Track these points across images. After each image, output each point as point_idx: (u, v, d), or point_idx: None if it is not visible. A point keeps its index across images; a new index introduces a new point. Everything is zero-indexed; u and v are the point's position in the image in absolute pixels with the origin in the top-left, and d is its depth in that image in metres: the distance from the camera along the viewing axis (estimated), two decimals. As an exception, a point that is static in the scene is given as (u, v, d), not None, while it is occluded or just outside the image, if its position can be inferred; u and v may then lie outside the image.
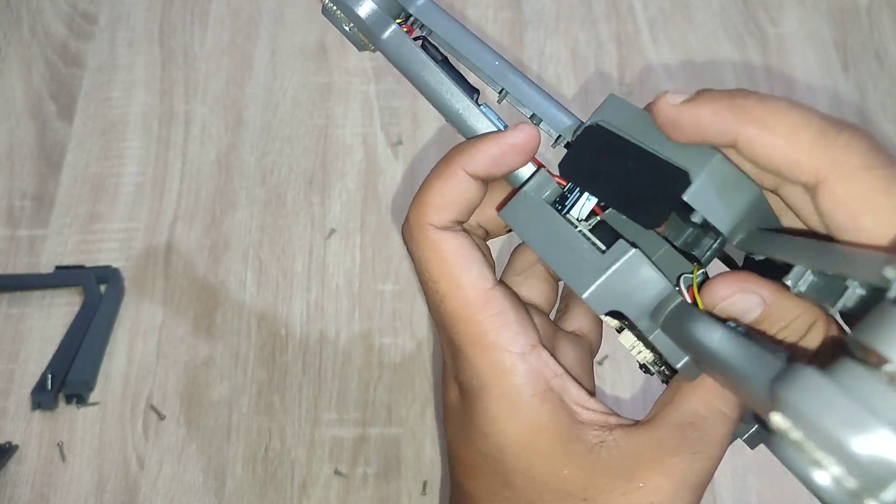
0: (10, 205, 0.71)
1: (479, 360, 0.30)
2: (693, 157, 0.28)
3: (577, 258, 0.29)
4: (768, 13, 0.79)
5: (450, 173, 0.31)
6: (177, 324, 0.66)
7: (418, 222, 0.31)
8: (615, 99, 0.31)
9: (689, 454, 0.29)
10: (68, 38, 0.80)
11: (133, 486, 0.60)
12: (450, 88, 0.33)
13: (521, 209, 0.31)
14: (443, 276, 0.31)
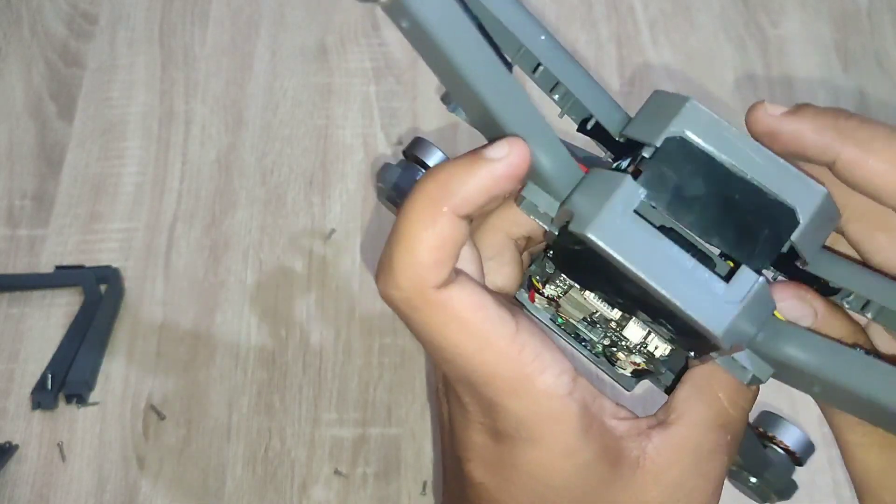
0: (10, 205, 0.71)
1: (525, 410, 0.27)
2: (793, 190, 0.26)
3: (696, 285, 0.25)
4: (769, 15, 0.79)
5: (439, 221, 0.25)
6: (177, 324, 0.66)
7: (416, 289, 0.26)
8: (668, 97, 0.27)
9: (723, 456, 0.29)
10: (68, 38, 0.80)
11: (133, 486, 0.60)
12: (491, 61, 0.24)
13: (612, 226, 0.25)
14: (465, 338, 0.26)
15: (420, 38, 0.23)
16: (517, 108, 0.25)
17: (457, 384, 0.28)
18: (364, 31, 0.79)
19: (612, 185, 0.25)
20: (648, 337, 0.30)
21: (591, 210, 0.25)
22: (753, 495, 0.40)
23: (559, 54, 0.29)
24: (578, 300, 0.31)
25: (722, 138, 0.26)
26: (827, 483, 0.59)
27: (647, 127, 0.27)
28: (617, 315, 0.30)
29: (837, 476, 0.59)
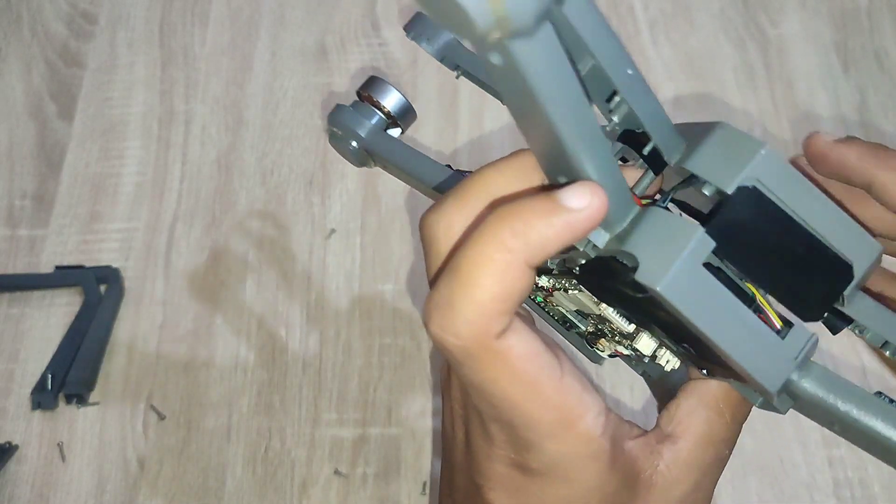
0: (10, 205, 0.71)
1: (561, 453, 0.27)
2: (853, 244, 0.26)
3: (756, 342, 0.25)
4: (769, 15, 0.79)
5: (510, 271, 0.24)
6: (177, 324, 0.66)
7: (477, 339, 0.24)
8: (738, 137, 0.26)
9: (720, 467, 0.31)
10: (68, 38, 0.80)
11: (133, 486, 0.60)
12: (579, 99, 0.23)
13: (683, 283, 0.24)
14: (515, 387, 0.26)
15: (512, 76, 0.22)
16: (590, 142, 0.24)
17: (491, 423, 0.28)
18: (364, 31, 0.79)
19: (684, 237, 0.24)
20: (659, 350, 0.31)
21: (660, 263, 0.24)
22: None
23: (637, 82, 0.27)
24: (584, 302, 0.31)
25: (792, 189, 0.25)
26: (827, 483, 0.59)
27: (716, 168, 0.26)
28: (631, 329, 0.30)
29: (837, 476, 0.59)
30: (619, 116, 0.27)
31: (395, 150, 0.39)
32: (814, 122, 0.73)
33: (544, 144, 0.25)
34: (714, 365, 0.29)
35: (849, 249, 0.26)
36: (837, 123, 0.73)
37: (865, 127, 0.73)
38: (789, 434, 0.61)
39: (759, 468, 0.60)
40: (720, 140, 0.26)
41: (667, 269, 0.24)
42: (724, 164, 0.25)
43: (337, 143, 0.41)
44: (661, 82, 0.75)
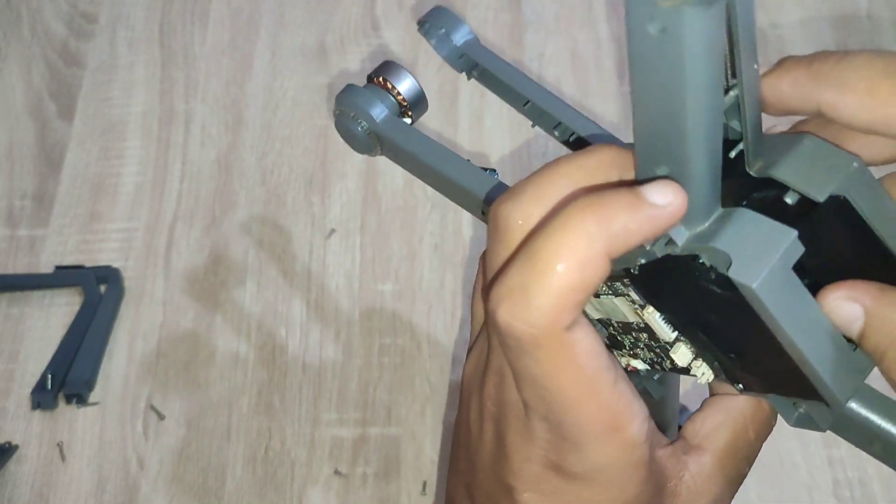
0: (10, 205, 0.71)
1: (607, 457, 0.27)
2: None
3: (833, 350, 0.25)
4: (768, 15, 0.79)
5: (593, 262, 0.23)
6: (177, 324, 0.66)
7: (549, 328, 0.24)
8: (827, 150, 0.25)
9: (740, 482, 0.31)
10: (68, 38, 0.80)
11: (133, 486, 0.60)
12: (720, 81, 0.23)
13: (775, 284, 0.24)
14: (574, 383, 0.25)
15: (664, 44, 0.21)
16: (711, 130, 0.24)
17: (538, 420, 0.27)
18: (364, 31, 0.79)
19: (778, 239, 0.24)
20: (695, 361, 0.30)
21: (755, 262, 0.24)
22: None
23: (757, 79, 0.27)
24: (619, 308, 0.31)
25: (879, 206, 0.25)
26: (827, 483, 0.59)
27: (805, 177, 0.25)
28: (672, 337, 0.30)
29: (837, 476, 0.59)
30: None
31: (410, 137, 0.37)
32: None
33: (661, 126, 0.24)
34: (756, 378, 0.28)
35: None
36: (837, 123, 0.73)
37: (865, 127, 0.73)
38: (789, 434, 0.61)
39: (759, 468, 0.60)
40: (808, 151, 0.26)
41: (762, 268, 0.23)
42: (815, 174, 0.25)
43: (344, 125, 0.39)
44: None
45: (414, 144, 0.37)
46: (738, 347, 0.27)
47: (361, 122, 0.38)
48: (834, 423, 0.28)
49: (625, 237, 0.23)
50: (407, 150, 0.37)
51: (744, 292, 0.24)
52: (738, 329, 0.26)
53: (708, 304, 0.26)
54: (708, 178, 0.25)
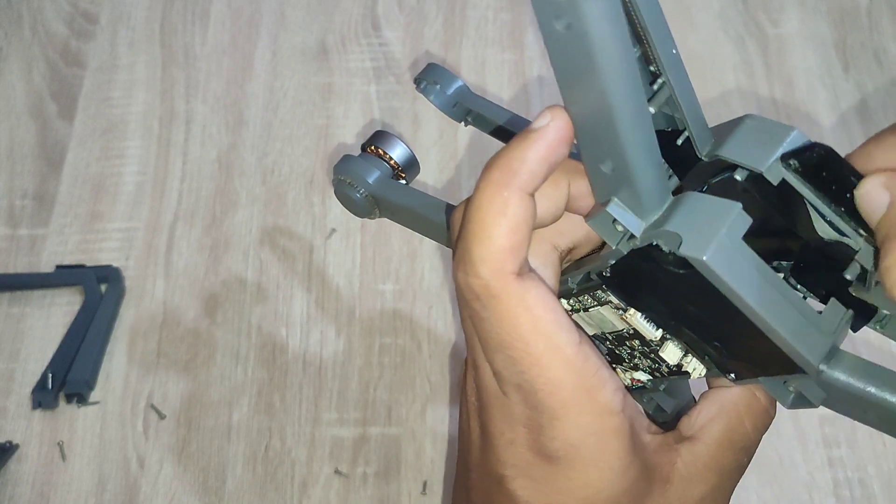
0: (11, 204, 0.71)
1: (584, 426, 0.27)
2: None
3: (796, 314, 0.25)
4: (768, 14, 0.79)
5: (513, 203, 0.26)
6: (177, 324, 0.66)
7: (496, 274, 0.26)
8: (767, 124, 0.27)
9: (738, 474, 0.31)
10: (69, 38, 0.80)
11: (133, 486, 0.60)
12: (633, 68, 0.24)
13: (726, 254, 0.25)
14: (535, 335, 0.26)
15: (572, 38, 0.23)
16: (639, 121, 0.25)
17: (514, 392, 0.28)
18: (364, 30, 0.79)
19: (724, 213, 0.25)
20: (685, 358, 0.30)
21: (703, 236, 0.25)
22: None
23: (681, 67, 0.28)
24: (606, 317, 0.31)
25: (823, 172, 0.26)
26: (827, 483, 0.59)
27: (749, 151, 0.26)
28: (658, 335, 0.30)
29: (837, 476, 0.59)
30: (657, 105, 0.28)
31: (405, 194, 0.40)
32: (814, 120, 0.73)
33: (592, 121, 0.25)
34: (743, 363, 0.28)
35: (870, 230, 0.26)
36: (837, 122, 0.73)
37: (865, 125, 0.73)
38: (789, 434, 0.61)
39: (758, 468, 0.60)
40: (751, 129, 0.27)
41: (710, 240, 0.25)
42: (757, 148, 0.26)
43: (343, 192, 0.42)
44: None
45: (410, 200, 0.40)
46: (718, 333, 0.28)
47: (359, 189, 0.41)
48: (826, 398, 0.28)
49: (528, 168, 0.26)
50: (404, 206, 0.40)
51: (698, 267, 0.25)
52: (711, 312, 0.26)
53: (678, 292, 0.27)
54: (650, 168, 0.26)
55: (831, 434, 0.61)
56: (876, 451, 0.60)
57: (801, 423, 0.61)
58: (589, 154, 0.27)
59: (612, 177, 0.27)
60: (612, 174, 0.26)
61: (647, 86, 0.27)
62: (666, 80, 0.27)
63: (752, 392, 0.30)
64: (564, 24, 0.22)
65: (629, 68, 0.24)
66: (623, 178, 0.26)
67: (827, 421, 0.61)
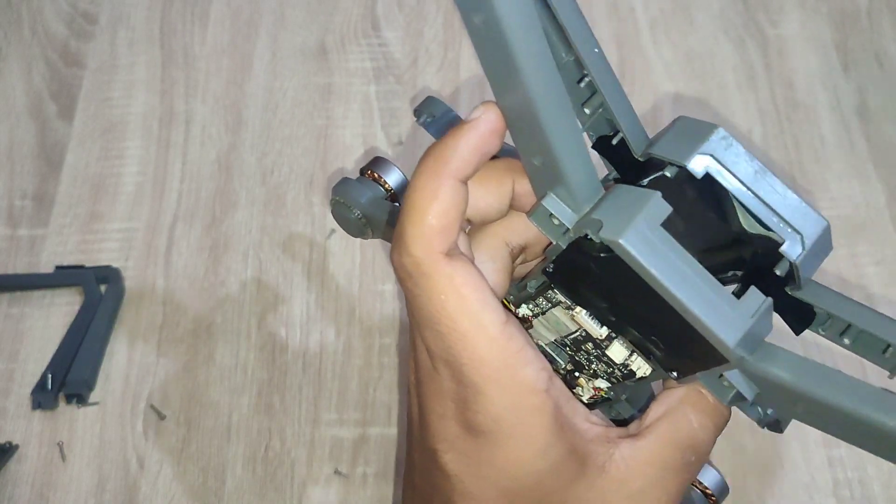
0: (10, 204, 0.71)
1: (506, 402, 0.28)
2: (801, 219, 0.28)
3: (712, 297, 0.26)
4: (768, 15, 0.79)
5: (444, 188, 0.28)
6: (177, 324, 0.66)
7: (427, 253, 0.28)
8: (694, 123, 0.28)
9: (686, 474, 0.31)
10: (69, 38, 0.80)
11: (133, 486, 0.60)
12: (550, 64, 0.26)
13: (643, 237, 0.26)
14: (462, 313, 0.28)
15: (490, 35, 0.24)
16: (561, 115, 0.26)
17: (443, 367, 0.29)
18: (364, 31, 0.79)
19: (643, 200, 0.27)
20: (631, 357, 0.31)
21: (621, 221, 0.26)
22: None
23: (606, 68, 0.29)
24: (560, 319, 0.32)
25: (742, 165, 0.27)
26: (827, 483, 0.59)
27: (675, 148, 0.28)
28: (604, 333, 0.31)
29: (837, 476, 0.59)
30: (592, 107, 0.30)
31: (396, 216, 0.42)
32: (814, 122, 0.73)
33: (517, 112, 0.27)
34: (681, 358, 0.29)
35: (797, 223, 0.27)
36: (837, 123, 0.73)
37: (865, 127, 0.73)
38: (789, 434, 0.61)
39: (758, 468, 0.60)
40: (680, 128, 0.28)
41: (627, 224, 0.26)
42: (683, 145, 0.28)
43: (339, 213, 0.44)
44: (660, 82, 0.75)
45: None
46: (652, 326, 0.29)
47: (355, 210, 0.43)
48: (759, 393, 0.29)
49: (459, 156, 0.28)
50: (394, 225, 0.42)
51: (616, 251, 0.26)
52: (640, 302, 0.28)
53: (613, 285, 0.28)
54: (577, 161, 0.28)
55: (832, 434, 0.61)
56: (876, 452, 0.60)
57: (801, 423, 0.61)
58: (522, 149, 0.29)
59: (543, 171, 0.28)
60: (543, 168, 0.28)
61: (577, 87, 0.29)
62: (591, 79, 0.29)
63: (699, 390, 0.31)
64: (482, 19, 0.24)
65: (545, 61, 0.25)
66: (553, 171, 0.28)
67: (827, 421, 0.61)
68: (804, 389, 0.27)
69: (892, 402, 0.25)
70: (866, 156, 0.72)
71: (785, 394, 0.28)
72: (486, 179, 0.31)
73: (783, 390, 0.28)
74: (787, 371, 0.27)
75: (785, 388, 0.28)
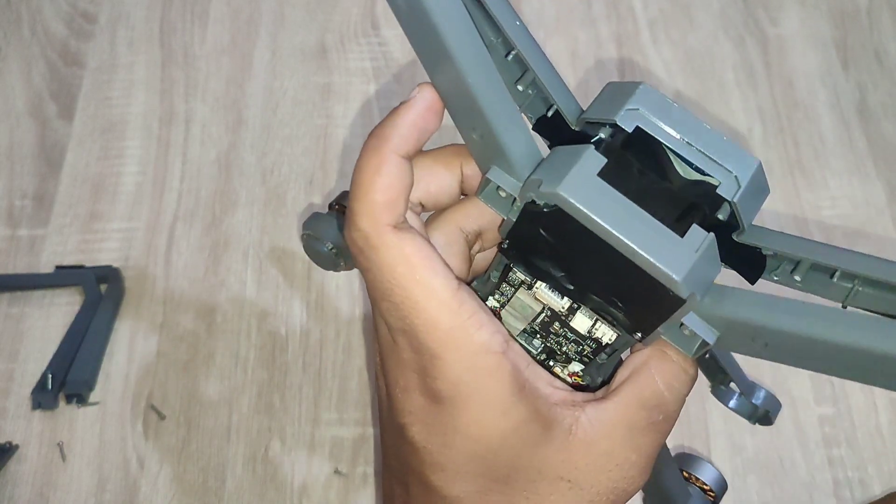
0: (11, 204, 0.71)
1: (462, 365, 0.29)
2: (732, 160, 0.28)
3: (658, 239, 0.27)
4: (768, 13, 0.79)
5: (387, 163, 0.29)
6: (177, 324, 0.66)
7: (374, 227, 0.29)
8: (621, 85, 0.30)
9: (655, 434, 0.31)
10: (68, 38, 0.80)
11: (133, 486, 0.60)
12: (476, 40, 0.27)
13: (580, 185, 0.27)
14: (412, 281, 0.29)
15: (415, 17, 0.26)
16: (492, 87, 0.28)
17: (401, 338, 0.30)
18: (364, 30, 0.79)
19: (577, 154, 0.28)
20: (595, 325, 0.32)
21: (559, 175, 0.28)
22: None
23: (531, 42, 0.30)
24: (524, 303, 0.33)
25: (670, 114, 0.28)
26: (827, 483, 0.59)
27: (605, 108, 0.29)
28: (566, 305, 0.32)
29: (837, 476, 0.59)
30: (525, 84, 0.31)
31: None
32: (814, 119, 0.73)
33: (450, 89, 0.28)
34: (640, 314, 0.30)
35: (730, 164, 0.28)
36: (837, 121, 0.73)
37: (865, 125, 0.73)
38: (789, 434, 0.61)
39: (759, 468, 0.60)
40: (608, 92, 0.30)
41: (563, 176, 0.27)
42: (612, 104, 0.29)
43: (311, 246, 0.46)
44: (660, 81, 0.75)
45: None
46: (609, 284, 0.29)
47: (326, 243, 0.45)
48: (720, 337, 0.29)
49: (398, 133, 0.29)
50: None
51: (558, 202, 0.27)
52: (595, 262, 0.28)
53: (564, 247, 0.29)
54: (513, 130, 0.29)
55: (831, 434, 0.61)
56: (876, 451, 0.60)
57: (801, 423, 0.61)
58: (460, 126, 0.30)
59: (483, 144, 0.29)
60: (482, 141, 0.29)
61: (507, 62, 0.30)
62: (518, 52, 0.30)
63: (663, 351, 0.31)
64: (405, 0, 0.25)
65: (469, 35, 0.27)
66: (492, 143, 0.29)
67: (827, 421, 0.61)
68: (762, 322, 0.27)
69: (849, 320, 0.26)
70: (866, 154, 0.72)
71: (744, 330, 0.28)
72: (435, 163, 0.32)
73: (742, 326, 0.28)
74: (742, 306, 0.28)
75: (743, 323, 0.28)
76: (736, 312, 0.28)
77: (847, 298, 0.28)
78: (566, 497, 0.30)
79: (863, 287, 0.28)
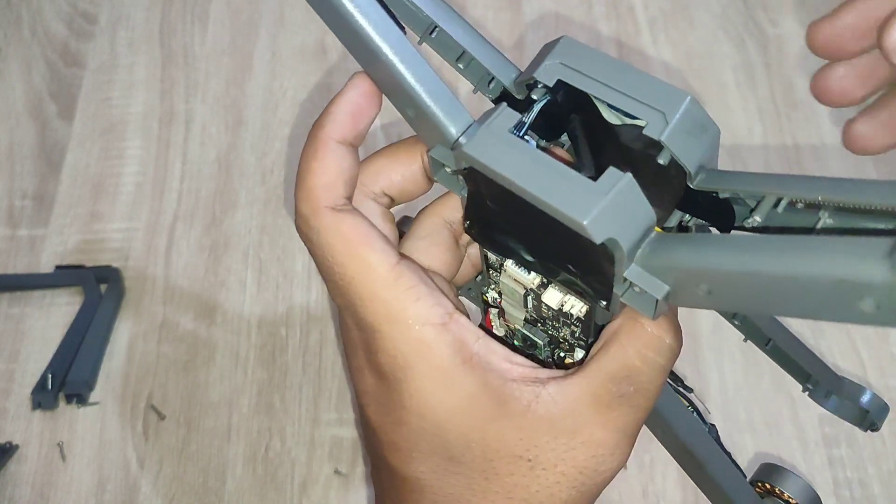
0: (11, 205, 0.71)
1: (400, 337, 0.29)
2: (660, 98, 0.27)
3: (567, 186, 0.26)
4: (768, 14, 0.79)
5: (322, 149, 0.31)
6: (177, 324, 0.66)
7: (312, 209, 0.30)
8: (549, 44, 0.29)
9: (627, 408, 0.29)
10: (68, 38, 0.80)
11: (133, 486, 0.60)
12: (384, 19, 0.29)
13: (488, 143, 0.27)
14: (349, 257, 0.30)
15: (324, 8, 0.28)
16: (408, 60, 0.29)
17: (348, 317, 0.31)
18: (364, 30, 0.79)
19: (491, 113, 0.28)
20: (566, 298, 0.31)
21: (475, 135, 0.28)
22: None
23: (454, 17, 0.31)
24: (509, 286, 0.32)
25: (594, 64, 0.28)
26: (827, 483, 0.59)
27: (530, 68, 0.29)
28: (536, 282, 0.31)
29: (837, 476, 0.59)
30: (465, 62, 0.31)
31: None
32: (814, 121, 0.73)
33: (377, 72, 0.30)
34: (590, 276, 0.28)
35: (657, 103, 0.27)
36: (837, 122, 0.73)
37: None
38: (789, 434, 0.61)
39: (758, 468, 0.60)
40: (538, 54, 0.30)
41: (475, 134, 0.28)
42: (537, 63, 0.29)
43: None
44: (660, 82, 0.75)
45: None
46: (554, 249, 0.29)
47: None
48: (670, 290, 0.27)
49: (334, 119, 0.31)
50: None
51: (466, 161, 0.28)
52: (532, 226, 0.28)
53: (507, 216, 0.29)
54: (441, 100, 0.29)
55: (831, 434, 0.61)
56: (876, 451, 0.60)
57: (801, 422, 0.61)
58: (398, 107, 0.30)
59: (420, 122, 0.30)
60: (418, 119, 0.29)
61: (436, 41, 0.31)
62: (439, 28, 0.30)
63: (635, 320, 0.29)
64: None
65: (378, 16, 0.28)
66: (426, 118, 0.29)
67: (827, 421, 0.61)
68: (696, 263, 0.25)
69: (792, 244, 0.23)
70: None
71: (686, 277, 0.26)
72: (396, 152, 0.33)
73: (682, 273, 0.26)
74: (681, 250, 0.26)
75: (681, 269, 0.26)
76: (674, 257, 0.26)
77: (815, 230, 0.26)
78: (528, 477, 0.29)
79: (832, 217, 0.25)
